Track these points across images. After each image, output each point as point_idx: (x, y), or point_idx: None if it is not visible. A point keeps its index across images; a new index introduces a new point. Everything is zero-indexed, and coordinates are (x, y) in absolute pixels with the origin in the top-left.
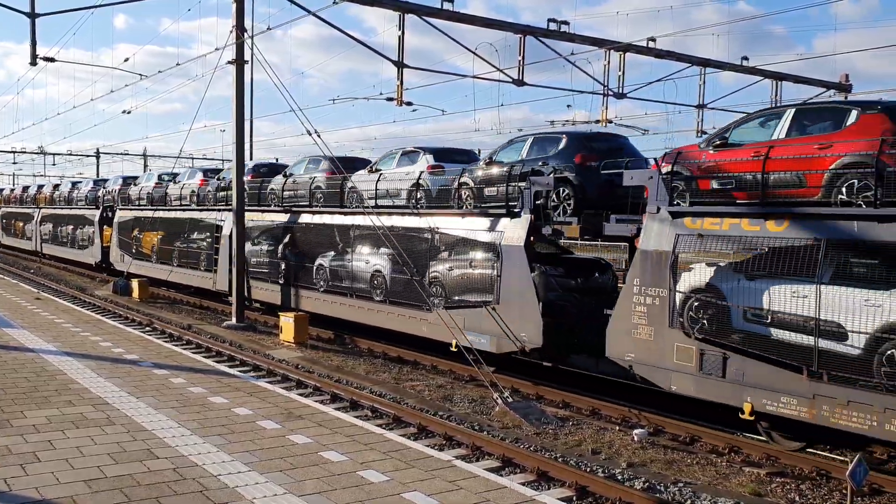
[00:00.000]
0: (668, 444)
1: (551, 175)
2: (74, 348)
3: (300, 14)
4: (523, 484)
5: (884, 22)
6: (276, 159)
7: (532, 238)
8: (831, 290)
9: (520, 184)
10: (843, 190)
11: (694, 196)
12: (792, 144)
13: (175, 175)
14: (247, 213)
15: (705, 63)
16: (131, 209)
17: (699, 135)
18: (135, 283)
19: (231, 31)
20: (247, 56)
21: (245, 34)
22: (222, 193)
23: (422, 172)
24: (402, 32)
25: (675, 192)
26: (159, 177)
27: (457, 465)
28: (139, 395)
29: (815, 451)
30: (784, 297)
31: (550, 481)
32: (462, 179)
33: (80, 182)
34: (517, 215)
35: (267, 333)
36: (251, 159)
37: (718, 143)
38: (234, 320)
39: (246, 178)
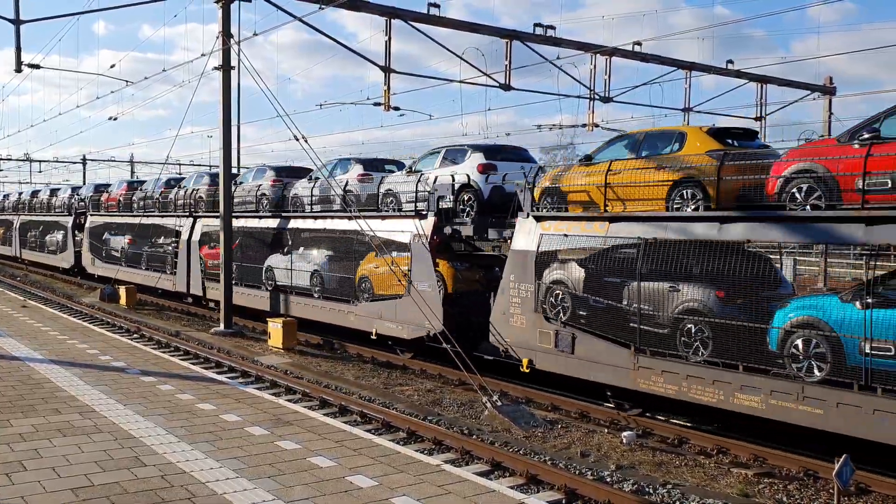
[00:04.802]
0: (656, 445)
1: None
2: (61, 356)
3: (285, 20)
4: (512, 487)
5: (863, 25)
6: (265, 164)
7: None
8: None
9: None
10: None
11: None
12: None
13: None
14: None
15: (691, 67)
16: None
17: None
18: (122, 290)
19: (217, 38)
20: (233, 62)
21: (231, 40)
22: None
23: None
24: (389, 37)
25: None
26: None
27: (446, 470)
28: (126, 403)
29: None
30: None
31: (540, 484)
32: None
33: None
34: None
35: (255, 339)
36: (238, 165)
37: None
38: (221, 326)
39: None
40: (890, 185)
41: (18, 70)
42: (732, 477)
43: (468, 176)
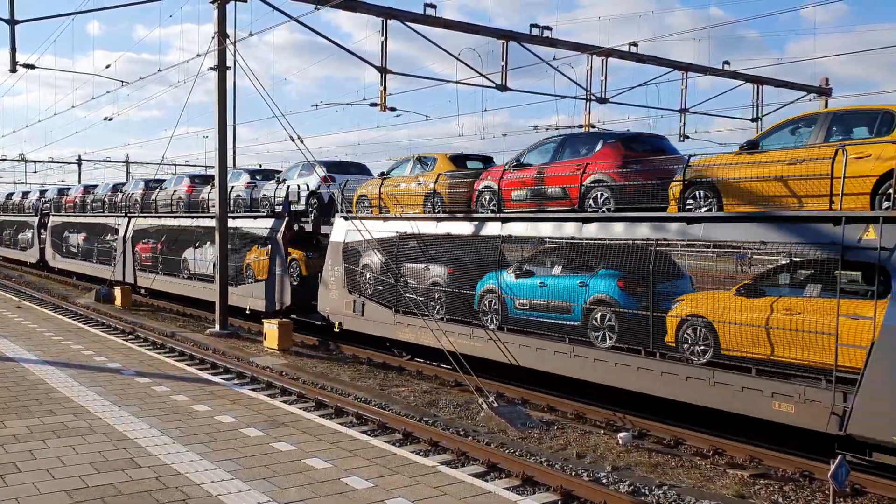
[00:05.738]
0: (652, 446)
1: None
2: (56, 357)
3: (281, 20)
4: (508, 489)
5: (858, 26)
6: (260, 165)
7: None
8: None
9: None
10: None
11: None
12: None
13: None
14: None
15: (687, 67)
16: None
17: (681, 139)
18: (117, 291)
19: (213, 38)
20: (228, 62)
21: (227, 40)
22: None
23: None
24: (385, 38)
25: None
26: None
27: (441, 471)
28: (121, 404)
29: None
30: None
31: (536, 486)
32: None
33: None
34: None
35: (251, 340)
36: (233, 164)
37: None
38: (217, 327)
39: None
40: (527, 196)
41: (13, 70)
42: (728, 478)
43: (308, 185)
